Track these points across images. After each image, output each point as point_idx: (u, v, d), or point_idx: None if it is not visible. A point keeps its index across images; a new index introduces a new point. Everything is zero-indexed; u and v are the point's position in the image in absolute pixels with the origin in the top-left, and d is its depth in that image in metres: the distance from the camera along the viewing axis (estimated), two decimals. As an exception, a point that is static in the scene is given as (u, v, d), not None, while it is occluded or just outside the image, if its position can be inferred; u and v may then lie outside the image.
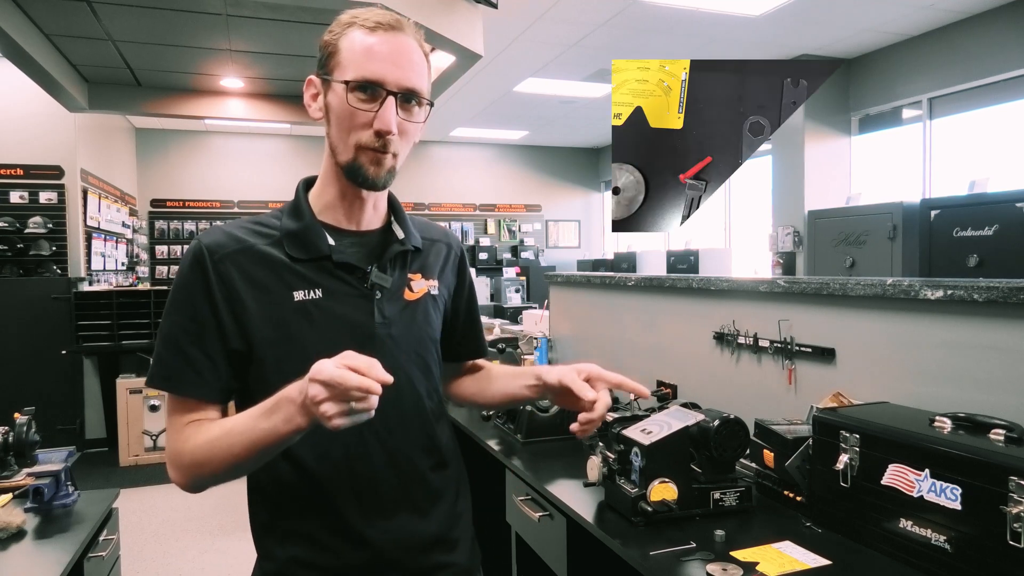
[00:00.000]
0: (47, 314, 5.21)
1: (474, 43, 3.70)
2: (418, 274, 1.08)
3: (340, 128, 0.96)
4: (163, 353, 0.95)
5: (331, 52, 0.96)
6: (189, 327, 0.94)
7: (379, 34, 0.94)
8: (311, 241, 0.99)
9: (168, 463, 0.94)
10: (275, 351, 0.95)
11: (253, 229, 1.00)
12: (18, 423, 2.04)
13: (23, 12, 3.75)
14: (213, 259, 0.95)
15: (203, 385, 0.94)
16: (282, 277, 0.97)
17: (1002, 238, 2.85)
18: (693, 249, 5.89)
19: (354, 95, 0.93)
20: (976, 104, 5.01)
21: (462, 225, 9.43)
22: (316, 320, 0.96)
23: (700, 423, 1.47)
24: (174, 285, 0.97)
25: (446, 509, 1.05)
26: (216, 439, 0.89)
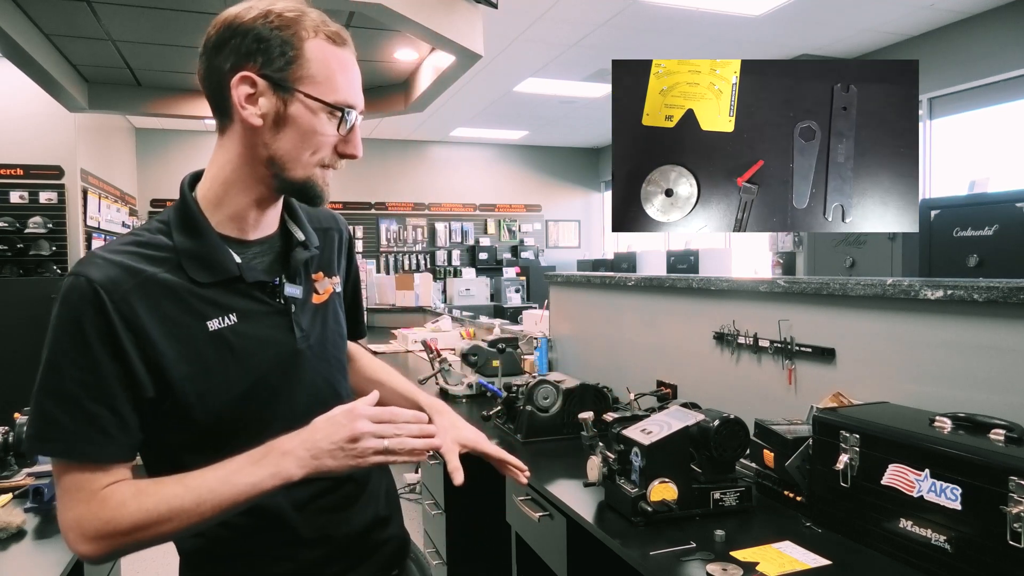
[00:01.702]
0: (47, 314, 5.14)
1: (474, 43, 3.70)
2: (320, 273, 1.01)
3: (301, 144, 0.87)
4: (55, 413, 0.79)
5: (294, 57, 0.85)
6: (89, 381, 0.80)
7: (343, 49, 0.89)
8: (216, 261, 0.88)
9: (79, 536, 0.80)
10: (196, 388, 0.85)
11: (142, 254, 0.85)
12: (18, 423, 2.04)
13: (23, 12, 3.75)
14: (112, 299, 0.80)
15: (112, 445, 0.81)
16: (190, 306, 0.85)
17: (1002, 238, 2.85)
18: (693, 249, 5.89)
19: (327, 117, 0.87)
20: (976, 104, 5.01)
21: (462, 225, 9.43)
22: (235, 348, 0.87)
23: (700, 423, 1.47)
24: (61, 329, 0.81)
25: (375, 490, 1.05)
26: (177, 497, 0.79)
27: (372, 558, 1.03)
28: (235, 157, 0.89)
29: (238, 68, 0.84)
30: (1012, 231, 2.82)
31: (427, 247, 9.28)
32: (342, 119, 0.88)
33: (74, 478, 0.80)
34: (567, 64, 5.83)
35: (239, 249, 0.91)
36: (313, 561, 0.95)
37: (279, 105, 0.85)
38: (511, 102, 7.12)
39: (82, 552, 0.80)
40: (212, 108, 0.89)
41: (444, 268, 9.15)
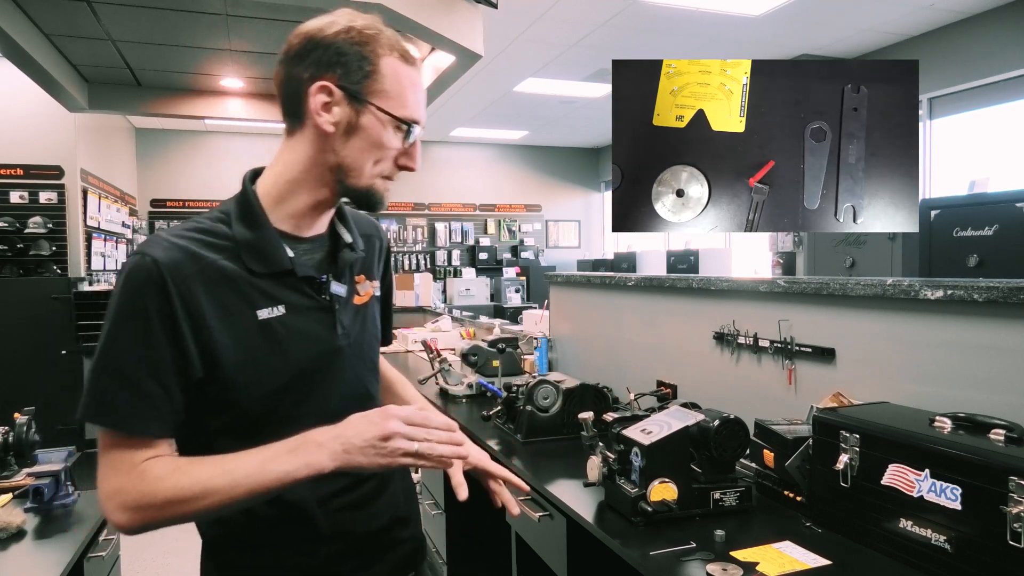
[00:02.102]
0: (47, 314, 5.21)
1: (474, 43, 3.70)
2: (362, 276, 1.05)
3: (368, 153, 0.92)
4: (110, 386, 0.84)
5: (370, 71, 0.90)
6: (145, 356, 0.83)
7: (414, 68, 0.94)
8: (271, 253, 0.92)
9: (116, 506, 0.83)
10: (242, 375, 0.88)
11: (203, 240, 0.89)
12: (18, 423, 2.04)
13: (23, 12, 3.75)
14: (175, 282, 0.84)
15: (160, 421, 0.85)
16: (244, 294, 0.89)
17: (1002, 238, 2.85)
18: (693, 249, 5.89)
19: (394, 130, 0.92)
20: (976, 104, 5.01)
21: (462, 225, 9.43)
22: (281, 338, 0.91)
23: (700, 423, 1.47)
24: (123, 305, 0.84)
25: (396, 490, 1.07)
26: (213, 477, 0.82)
27: (388, 557, 1.04)
28: (303, 159, 0.94)
29: (317, 77, 0.90)
30: (1012, 231, 2.82)
31: (427, 247, 9.28)
32: (407, 133, 0.93)
33: (119, 450, 0.84)
34: (567, 64, 5.83)
35: (292, 245, 0.95)
36: (331, 556, 0.97)
37: (352, 115, 0.91)
38: (511, 102, 7.13)
39: (118, 522, 0.83)
40: (284, 111, 0.95)
41: (444, 268, 9.15)
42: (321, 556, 0.97)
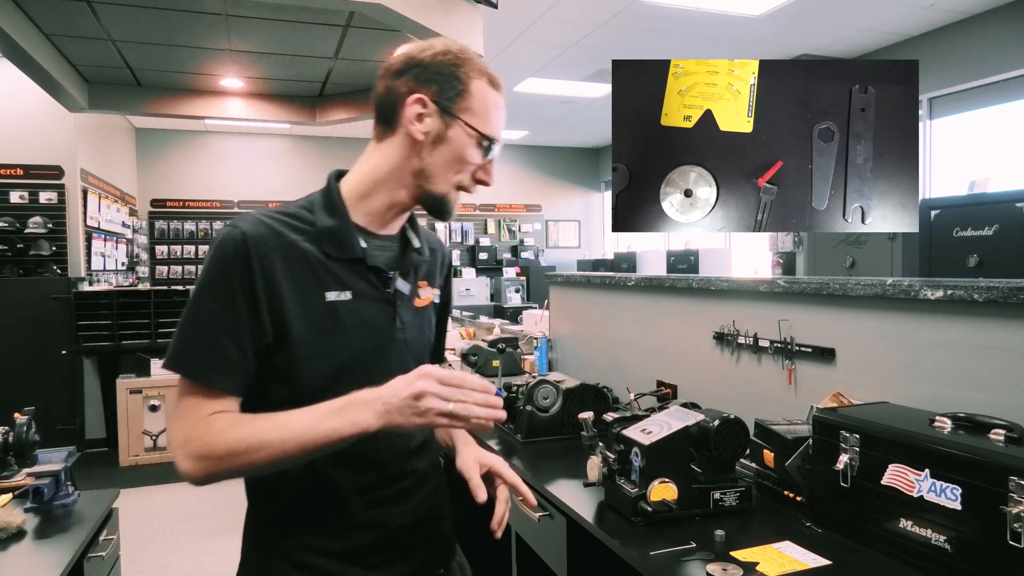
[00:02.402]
0: (47, 314, 5.21)
1: (474, 43, 3.70)
2: (425, 282, 1.13)
3: (450, 163, 1.01)
4: (193, 340, 0.93)
5: (462, 90, 1.00)
6: (226, 317, 0.92)
7: (499, 93, 1.04)
8: (346, 241, 1.01)
9: (184, 452, 0.90)
10: (307, 350, 0.96)
11: (287, 223, 0.99)
12: (18, 423, 2.04)
13: (23, 12, 3.75)
14: (259, 251, 0.94)
15: (232, 377, 0.93)
16: (316, 275, 0.98)
17: (1002, 238, 2.85)
18: (693, 249, 5.89)
19: (477, 145, 1.02)
20: (976, 104, 5.01)
21: (462, 225, 9.43)
22: (345, 322, 0.99)
23: (700, 423, 1.47)
24: (212, 270, 0.94)
25: (431, 490, 1.12)
26: (267, 432, 0.89)
27: (418, 553, 1.09)
28: (389, 162, 1.03)
29: (415, 91, 1.00)
30: (1012, 231, 2.82)
31: (428, 246, 9.27)
32: (487, 149, 1.03)
33: (192, 400, 0.92)
34: (567, 64, 5.83)
35: (366, 238, 1.04)
36: (363, 545, 1.02)
37: (441, 127, 1.00)
38: (511, 102, 7.12)
39: (186, 470, 0.90)
40: (378, 119, 1.04)
41: (444, 268, 9.14)
42: (354, 542, 1.01)
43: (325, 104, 5.81)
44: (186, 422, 0.91)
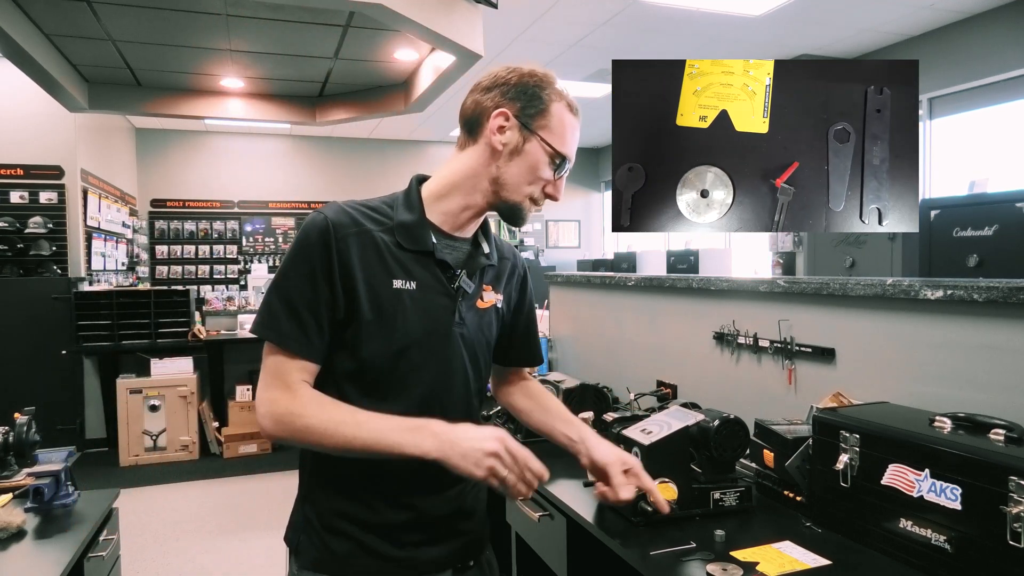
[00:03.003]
0: (47, 314, 5.21)
1: (474, 43, 3.70)
2: (490, 286, 1.20)
3: (524, 174, 1.10)
4: (280, 311, 1.02)
5: (542, 109, 1.09)
6: (308, 293, 1.02)
7: (575, 117, 1.13)
8: (420, 235, 1.09)
9: (267, 413, 1.00)
10: (368, 330, 1.04)
11: (368, 214, 1.08)
12: (18, 423, 2.04)
13: (23, 12, 3.75)
14: (337, 235, 1.03)
15: (311, 347, 1.03)
16: (386, 263, 1.06)
17: (1002, 238, 2.85)
18: (693, 249, 5.89)
19: (550, 161, 1.10)
20: (976, 104, 5.01)
21: (462, 225, 9.42)
22: (407, 309, 1.06)
23: (700, 423, 1.47)
24: (297, 250, 1.04)
25: (469, 485, 1.17)
26: (341, 423, 0.99)
27: (450, 542, 1.15)
28: (468, 168, 1.12)
29: (500, 105, 1.09)
30: (1012, 231, 2.82)
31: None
32: (559, 166, 1.11)
33: (277, 362, 1.03)
34: (567, 64, 5.83)
35: (438, 237, 1.12)
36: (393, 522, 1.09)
37: (520, 140, 1.09)
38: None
39: (265, 426, 1.01)
40: (463, 128, 1.14)
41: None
42: (383, 518, 1.08)
43: (325, 104, 5.81)
44: (274, 386, 1.02)
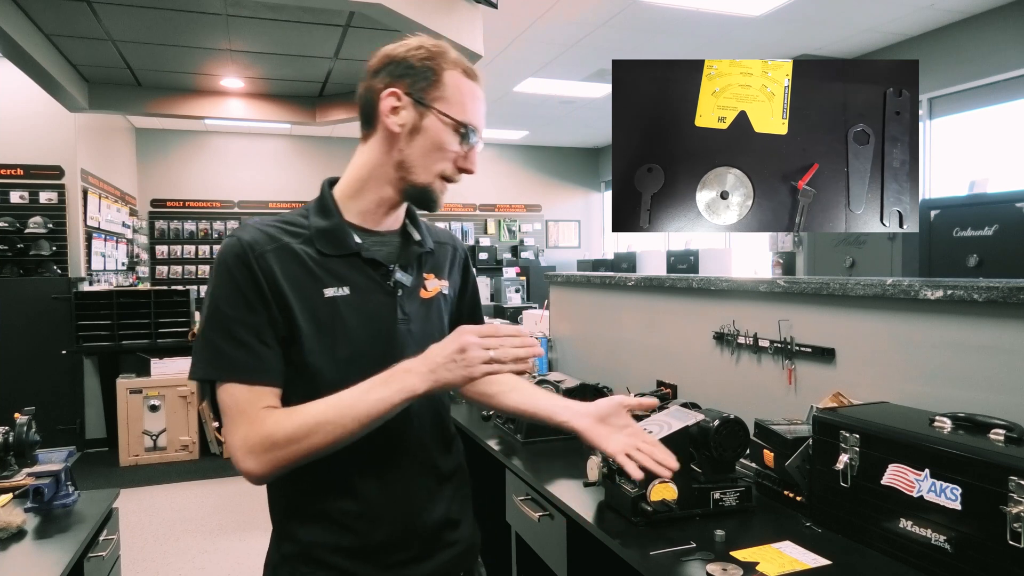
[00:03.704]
0: (47, 314, 5.21)
1: (474, 43, 3.70)
2: (431, 274, 1.15)
3: (428, 153, 1.04)
4: (220, 345, 0.97)
5: (434, 80, 1.03)
6: (246, 319, 0.97)
7: (475, 83, 1.07)
8: (340, 238, 1.05)
9: (245, 452, 0.94)
10: (310, 344, 1.00)
11: (283, 228, 1.04)
12: (18, 423, 2.04)
13: (23, 12, 3.75)
14: (254, 254, 0.99)
15: (267, 370, 0.98)
16: (313, 274, 1.02)
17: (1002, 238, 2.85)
18: (693, 249, 5.89)
19: (454, 132, 1.04)
20: (976, 104, 5.01)
21: (462, 225, 9.43)
22: (345, 315, 1.02)
23: (700, 423, 1.47)
24: (219, 279, 0.99)
25: (451, 492, 1.13)
26: (322, 412, 0.94)
27: (439, 555, 1.09)
28: (372, 159, 1.06)
29: (389, 86, 1.03)
30: (1012, 231, 2.82)
31: (427, 247, 9.26)
32: (465, 137, 1.05)
33: (238, 402, 0.96)
34: (567, 64, 5.83)
35: (362, 236, 1.07)
36: (379, 543, 1.04)
37: (416, 118, 1.03)
38: (511, 102, 7.12)
39: (247, 468, 0.95)
40: (361, 120, 1.08)
41: (444, 268, 9.13)
42: (369, 540, 1.03)
43: (325, 104, 5.81)
44: (240, 423, 0.96)
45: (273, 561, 1.06)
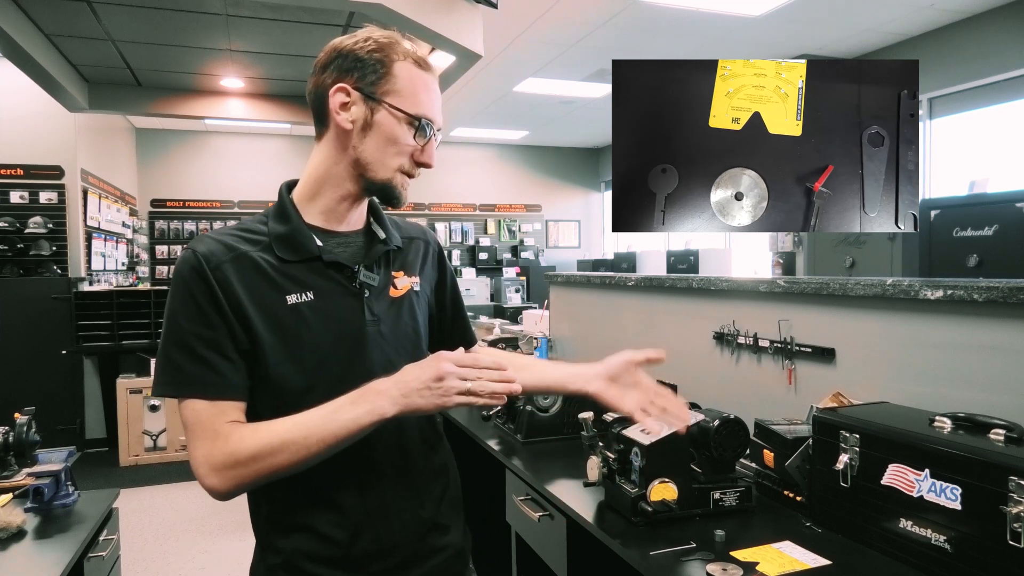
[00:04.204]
0: (47, 314, 5.21)
1: (474, 43, 3.70)
2: (400, 271, 1.11)
3: (383, 149, 1.00)
4: (180, 361, 0.93)
5: (384, 74, 0.99)
6: (203, 333, 0.94)
7: (428, 73, 1.03)
8: (300, 243, 1.01)
9: (208, 469, 0.91)
10: (274, 355, 0.97)
11: (241, 236, 1.00)
12: (18, 423, 2.04)
13: (23, 12, 3.75)
14: (210, 266, 0.95)
15: (228, 385, 0.95)
16: (274, 281, 0.98)
17: (1002, 238, 2.85)
18: (693, 249, 5.89)
19: (407, 126, 1.01)
20: (976, 104, 5.01)
21: (462, 225, 9.43)
22: (310, 322, 0.99)
23: (700, 423, 1.47)
24: (176, 293, 0.96)
25: (438, 495, 1.10)
26: (287, 431, 0.91)
27: (427, 562, 1.07)
28: (327, 158, 1.03)
29: (338, 81, 1.00)
30: (1012, 231, 2.82)
31: (427, 247, 9.25)
32: (420, 130, 1.01)
33: (200, 418, 0.93)
34: (567, 64, 5.83)
35: (324, 238, 1.04)
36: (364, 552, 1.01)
37: (367, 113, 0.99)
38: (511, 102, 7.12)
39: (211, 485, 0.92)
40: (314, 118, 1.04)
41: (444, 268, 9.14)
42: (354, 549, 1.00)
43: (325, 104, 5.80)
44: (202, 439, 0.92)
45: (258, 572, 1.04)
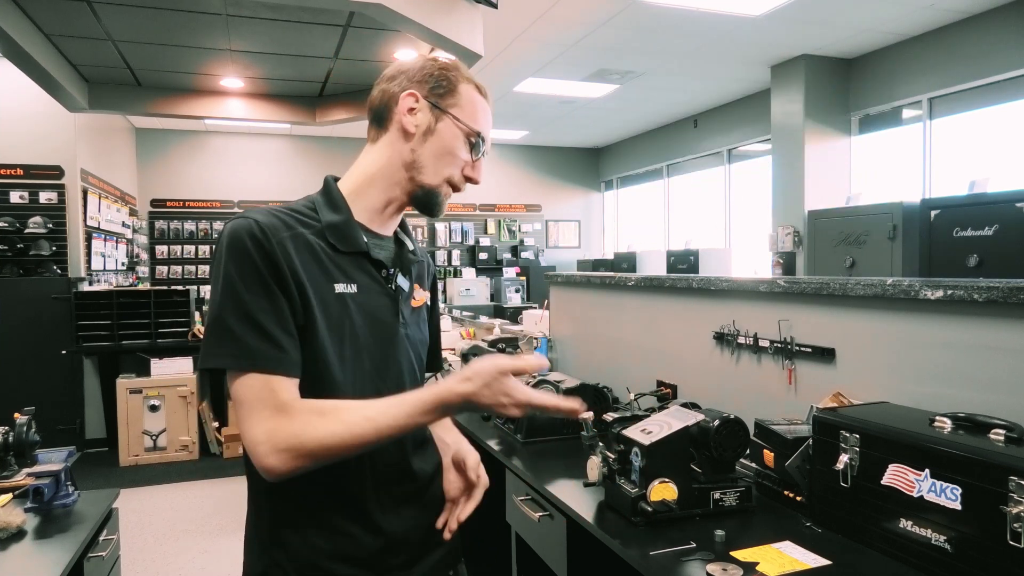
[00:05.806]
0: (47, 314, 5.21)
1: (474, 43, 3.70)
2: (418, 284, 1.16)
3: (440, 157, 1.06)
4: (241, 332, 0.90)
5: (450, 89, 1.07)
6: (266, 305, 0.92)
7: (485, 99, 1.11)
8: (351, 235, 1.04)
9: (271, 448, 0.88)
10: (321, 340, 0.97)
11: (295, 217, 1.01)
12: (18, 423, 2.04)
13: (23, 12, 3.75)
14: (275, 239, 0.94)
15: (290, 361, 0.93)
16: (325, 268, 1.00)
17: (1002, 238, 2.85)
18: (693, 249, 5.89)
19: (464, 140, 1.07)
20: (976, 104, 5.01)
21: (462, 225, 9.43)
22: (352, 313, 1.01)
23: (700, 423, 1.47)
24: (235, 261, 0.92)
25: (434, 494, 1.13)
26: (358, 425, 0.91)
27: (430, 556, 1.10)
28: (382, 157, 1.08)
29: (407, 89, 1.06)
30: (1012, 231, 2.83)
31: (427, 247, 9.27)
32: (475, 146, 1.09)
33: (259, 391, 0.90)
34: (567, 64, 5.82)
35: (367, 235, 1.07)
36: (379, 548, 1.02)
37: (432, 120, 1.06)
38: (511, 102, 7.12)
39: (270, 464, 0.89)
40: (372, 120, 1.10)
41: (444, 268, 9.15)
42: (365, 547, 1.01)
43: (325, 104, 5.81)
44: (261, 417, 0.90)
45: (256, 571, 1.02)
